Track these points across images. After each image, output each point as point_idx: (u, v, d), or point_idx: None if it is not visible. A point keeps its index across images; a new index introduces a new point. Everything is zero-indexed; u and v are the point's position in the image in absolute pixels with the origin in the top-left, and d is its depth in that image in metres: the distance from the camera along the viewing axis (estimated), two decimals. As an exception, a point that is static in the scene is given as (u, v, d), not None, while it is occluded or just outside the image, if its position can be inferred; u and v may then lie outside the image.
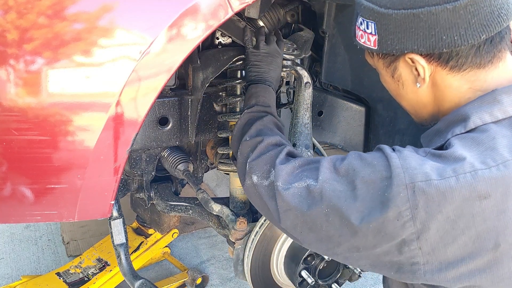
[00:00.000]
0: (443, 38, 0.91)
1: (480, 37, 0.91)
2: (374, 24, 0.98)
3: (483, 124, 0.91)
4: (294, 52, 1.47)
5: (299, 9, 1.66)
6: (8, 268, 2.54)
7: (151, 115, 1.51)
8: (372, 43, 1.01)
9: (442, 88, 0.99)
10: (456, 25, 0.90)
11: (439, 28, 0.91)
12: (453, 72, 0.96)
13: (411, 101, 1.06)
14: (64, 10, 1.08)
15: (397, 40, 0.95)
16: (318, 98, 1.85)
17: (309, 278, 1.49)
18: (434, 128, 1.01)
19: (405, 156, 0.90)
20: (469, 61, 0.94)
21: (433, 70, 0.97)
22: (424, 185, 0.85)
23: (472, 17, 0.90)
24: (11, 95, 1.08)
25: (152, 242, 2.37)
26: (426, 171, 0.86)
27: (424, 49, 0.93)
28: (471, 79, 0.96)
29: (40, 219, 1.24)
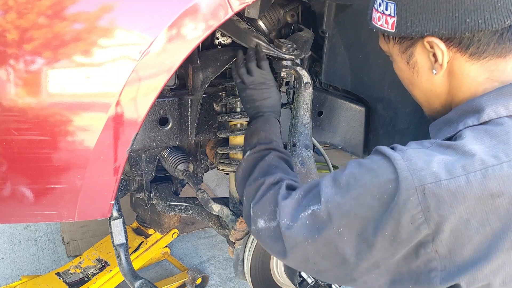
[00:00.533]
0: (466, 21, 0.87)
1: (505, 22, 0.87)
2: (394, 5, 0.95)
3: (497, 117, 0.88)
4: (294, 52, 1.47)
5: (299, 9, 1.66)
6: (8, 268, 2.54)
7: (151, 115, 1.51)
8: (390, 26, 0.97)
9: (459, 76, 0.95)
10: (481, 7, 0.87)
11: (463, 9, 0.87)
12: (472, 60, 0.92)
13: (425, 90, 1.02)
14: (64, 10, 1.08)
15: (417, 22, 0.92)
16: (318, 98, 1.85)
17: (309, 278, 1.49)
18: (445, 117, 0.97)
19: (409, 156, 0.86)
20: (490, 48, 0.91)
21: (452, 56, 0.93)
22: (434, 187, 0.82)
23: (498, 0, 0.87)
24: (11, 95, 1.08)
25: (152, 242, 2.37)
26: (435, 170, 0.83)
27: (445, 31, 0.90)
28: (491, 69, 0.92)
29: (40, 219, 1.24)
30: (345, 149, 1.95)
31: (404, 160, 0.86)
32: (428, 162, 0.84)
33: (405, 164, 0.85)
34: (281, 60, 1.49)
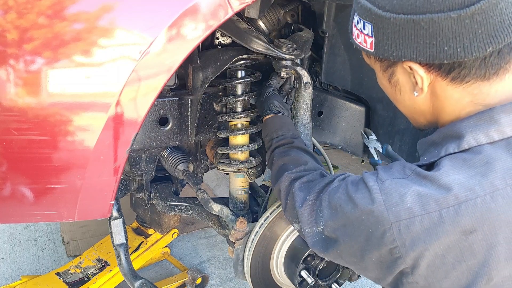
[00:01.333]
0: (444, 49, 0.83)
1: (486, 49, 0.82)
2: (371, 26, 0.91)
3: (477, 145, 0.86)
4: (294, 52, 1.47)
5: (299, 9, 1.66)
6: (8, 268, 2.54)
7: (151, 115, 1.51)
8: (368, 45, 0.93)
9: (442, 98, 0.92)
10: (460, 35, 0.82)
11: (441, 37, 0.83)
12: (454, 84, 0.89)
13: (409, 107, 1.01)
14: (64, 10, 1.08)
15: (395, 46, 0.88)
16: (318, 98, 1.85)
17: (309, 278, 1.49)
18: (430, 138, 0.96)
19: (387, 189, 0.88)
20: (472, 73, 0.86)
21: (433, 79, 0.90)
22: (408, 223, 0.84)
23: (479, 27, 0.81)
24: (11, 95, 1.08)
25: (152, 242, 2.37)
26: (409, 205, 0.84)
27: (423, 58, 0.86)
28: (474, 92, 0.89)
29: (40, 219, 1.24)
30: (345, 149, 1.95)
31: (382, 194, 0.88)
32: (403, 195, 0.85)
33: (381, 198, 0.87)
34: (281, 60, 1.49)
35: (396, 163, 0.96)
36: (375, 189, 0.89)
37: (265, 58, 1.57)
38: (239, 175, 1.69)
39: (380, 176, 0.92)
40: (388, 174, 0.92)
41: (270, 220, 1.55)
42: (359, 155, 1.98)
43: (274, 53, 1.44)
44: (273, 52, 1.44)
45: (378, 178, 0.91)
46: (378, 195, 0.88)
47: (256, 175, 1.68)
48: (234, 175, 1.69)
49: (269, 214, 1.55)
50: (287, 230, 1.56)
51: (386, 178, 0.90)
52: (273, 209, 1.55)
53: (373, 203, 0.88)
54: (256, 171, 1.68)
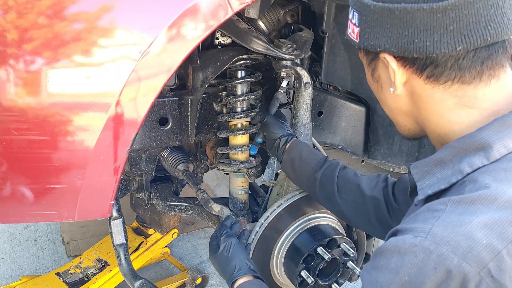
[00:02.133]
0: (415, 41, 0.81)
1: (456, 47, 0.79)
2: (357, 14, 0.89)
3: (508, 152, 0.77)
4: (294, 52, 1.47)
5: (299, 9, 1.66)
6: (8, 268, 2.54)
7: (151, 115, 1.51)
8: (355, 35, 0.91)
9: (423, 98, 0.87)
10: (431, 28, 0.79)
11: (413, 29, 0.80)
12: (431, 83, 0.84)
13: (390, 107, 0.96)
14: (64, 10, 1.08)
15: (373, 35, 0.86)
16: (318, 98, 1.85)
17: (309, 278, 1.49)
18: (433, 157, 0.85)
19: (442, 238, 0.70)
20: (446, 73, 0.82)
21: (409, 76, 0.86)
22: (497, 263, 0.68)
23: (451, 23, 0.78)
24: (11, 95, 1.08)
25: (152, 242, 2.37)
26: (485, 242, 0.68)
27: (395, 49, 0.83)
28: (457, 94, 0.83)
29: (40, 219, 1.24)
30: (345, 149, 1.95)
31: (442, 245, 0.69)
32: (470, 234, 0.69)
33: (447, 250, 0.69)
34: (281, 60, 1.49)
35: (411, 210, 0.83)
36: (428, 244, 0.70)
37: (265, 58, 1.57)
38: (239, 175, 1.69)
39: (417, 232, 0.73)
40: (424, 223, 0.74)
41: (270, 220, 1.55)
42: (359, 155, 1.97)
43: (274, 53, 1.44)
44: (273, 52, 1.44)
45: (414, 234, 0.73)
46: (439, 248, 0.69)
47: (256, 175, 1.68)
48: (234, 175, 1.69)
49: (269, 214, 1.55)
50: (287, 230, 1.56)
51: (427, 226, 0.73)
52: (273, 209, 1.55)
53: (443, 261, 0.68)
54: (256, 171, 1.68)
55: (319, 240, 1.52)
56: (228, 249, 1.33)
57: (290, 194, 1.57)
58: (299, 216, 1.57)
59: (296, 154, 1.46)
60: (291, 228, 1.57)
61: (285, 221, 1.56)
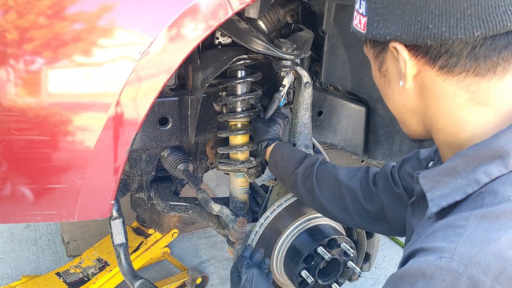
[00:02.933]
0: (429, 27, 0.75)
1: (474, 33, 0.73)
2: (365, 3, 0.84)
3: None
4: (294, 52, 1.47)
5: (299, 9, 1.66)
6: (8, 268, 2.54)
7: (151, 115, 1.51)
8: (362, 26, 0.86)
9: (433, 93, 0.81)
10: (447, 13, 0.74)
11: (427, 14, 0.75)
12: (444, 74, 0.79)
13: (397, 104, 0.90)
14: (64, 10, 1.08)
15: (382, 23, 0.81)
16: (318, 98, 1.85)
17: (309, 278, 1.49)
18: (445, 166, 0.79)
19: (470, 258, 0.64)
20: (461, 63, 0.77)
21: (420, 68, 0.81)
22: None
23: (469, 6, 0.72)
24: (11, 95, 1.08)
25: (152, 242, 2.37)
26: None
27: (407, 37, 0.78)
28: (470, 89, 0.78)
29: (40, 219, 1.24)
30: (345, 149, 1.95)
31: (472, 266, 0.63)
32: (500, 253, 0.63)
33: (477, 271, 0.63)
34: (281, 60, 1.49)
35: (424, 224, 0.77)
36: (458, 268, 0.64)
37: (265, 58, 1.57)
38: (239, 175, 1.69)
39: (439, 251, 0.67)
40: (446, 242, 0.68)
41: (270, 220, 1.55)
42: (359, 155, 1.98)
43: (274, 53, 1.44)
44: (273, 52, 1.44)
45: (438, 255, 0.67)
46: (470, 272, 0.63)
47: (256, 175, 1.68)
48: (234, 175, 1.69)
49: (269, 214, 1.55)
50: (287, 230, 1.56)
51: (451, 246, 0.67)
52: (273, 209, 1.55)
53: (477, 284, 0.62)
54: (256, 171, 1.68)
55: (319, 240, 1.52)
56: (250, 281, 1.27)
57: (290, 194, 1.57)
58: (299, 216, 1.57)
59: (278, 155, 1.49)
60: (291, 228, 1.57)
61: (285, 221, 1.56)
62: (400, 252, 2.73)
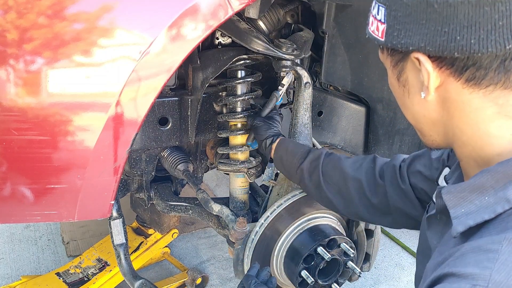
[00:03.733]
0: (457, 39, 0.71)
1: (505, 45, 0.69)
2: (384, 10, 0.79)
3: None
4: (294, 52, 1.47)
5: (299, 9, 1.66)
6: (8, 268, 2.54)
7: (151, 115, 1.51)
8: (380, 33, 0.81)
9: (458, 105, 0.77)
10: (476, 24, 0.69)
11: (455, 25, 0.70)
12: (470, 87, 0.74)
13: (417, 115, 0.85)
14: (64, 10, 1.08)
15: (404, 33, 0.76)
16: (318, 98, 1.85)
17: (309, 278, 1.49)
18: (471, 182, 0.75)
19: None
20: (490, 76, 0.72)
21: (444, 80, 0.76)
22: None
23: (501, 17, 0.68)
24: (11, 95, 1.08)
25: (152, 242, 2.36)
26: None
27: (432, 48, 0.73)
28: (499, 102, 0.73)
29: (40, 219, 1.24)
30: (345, 149, 1.95)
31: None
32: None
33: None
34: (281, 60, 1.49)
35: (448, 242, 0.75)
36: None
37: (265, 58, 1.57)
38: (239, 175, 1.69)
39: (471, 278, 0.64)
40: (479, 268, 0.65)
41: (270, 220, 1.55)
42: (358, 155, 1.98)
43: (274, 53, 1.44)
44: (273, 52, 1.44)
45: (471, 283, 0.64)
46: None
47: (256, 175, 1.68)
48: (234, 175, 1.69)
49: (269, 214, 1.55)
50: (287, 230, 1.56)
51: (485, 273, 0.64)
52: (273, 209, 1.55)
53: None
54: (256, 171, 1.68)
55: (319, 240, 1.52)
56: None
57: (290, 194, 1.57)
58: (299, 216, 1.57)
59: (283, 151, 1.48)
60: (291, 228, 1.57)
61: (285, 221, 1.56)
62: (400, 252, 2.73)
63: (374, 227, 1.70)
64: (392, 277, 2.54)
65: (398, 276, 2.54)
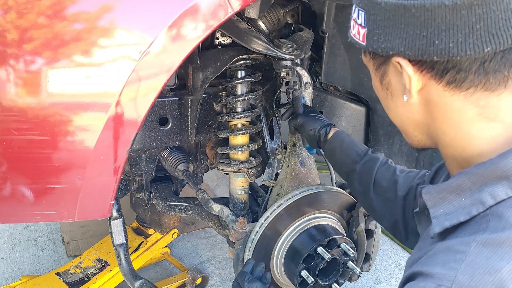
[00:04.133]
0: (435, 43, 0.71)
1: (483, 48, 0.69)
2: (364, 14, 0.79)
3: None
4: (294, 52, 1.47)
5: (299, 9, 1.66)
6: (8, 268, 2.54)
7: (151, 115, 1.51)
8: (361, 37, 0.81)
9: (440, 107, 0.78)
10: (454, 27, 0.70)
11: (433, 29, 0.71)
12: (451, 90, 0.75)
13: (401, 117, 0.86)
14: (64, 10, 1.08)
15: (384, 37, 0.76)
16: (318, 98, 1.85)
17: (309, 278, 1.49)
18: (450, 183, 0.77)
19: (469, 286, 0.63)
20: (470, 79, 0.73)
21: (425, 83, 0.77)
22: None
23: (478, 21, 0.68)
24: (11, 95, 1.08)
25: (152, 242, 2.36)
26: None
27: (412, 52, 0.74)
28: (480, 104, 0.74)
29: (40, 219, 1.24)
30: (345, 149, 1.95)
31: None
32: (501, 284, 0.62)
33: None
34: (281, 60, 1.49)
35: (426, 242, 0.76)
36: None
37: (265, 58, 1.57)
38: (239, 175, 1.69)
39: (437, 278, 0.66)
40: (446, 268, 0.67)
41: (270, 220, 1.55)
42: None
43: (274, 53, 1.44)
44: (273, 52, 1.44)
45: (437, 283, 0.66)
46: None
47: (256, 175, 1.68)
48: (234, 175, 1.69)
49: (269, 214, 1.55)
50: (287, 230, 1.56)
51: (450, 273, 0.66)
52: (273, 209, 1.55)
53: None
54: (256, 171, 1.68)
55: (319, 240, 1.52)
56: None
57: (290, 194, 1.57)
58: (299, 216, 1.57)
59: (337, 144, 1.43)
60: (291, 228, 1.57)
61: (285, 221, 1.56)
62: (400, 252, 2.73)
63: (374, 227, 1.69)
64: (392, 277, 2.54)
65: (398, 276, 2.54)
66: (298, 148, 1.62)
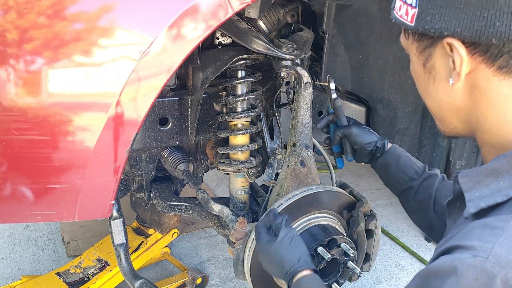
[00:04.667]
0: (496, 25, 0.69)
1: None
2: None
3: None
4: (294, 52, 1.47)
5: (299, 9, 1.66)
6: (8, 268, 2.54)
7: (151, 115, 1.51)
8: (409, 18, 0.79)
9: (486, 92, 0.76)
10: None
11: (495, 10, 0.69)
12: (501, 74, 0.74)
13: (441, 102, 0.84)
14: (64, 10, 1.08)
15: (438, 17, 0.75)
16: (318, 98, 1.85)
17: (309, 278, 1.49)
18: (488, 166, 0.76)
19: (507, 259, 0.63)
20: None
21: (475, 66, 0.76)
22: None
23: None
24: (11, 95, 1.08)
25: (152, 242, 2.36)
26: None
27: (469, 33, 0.72)
28: None
29: (40, 219, 1.24)
30: (345, 149, 1.95)
31: (508, 269, 0.62)
32: None
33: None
34: (281, 60, 1.49)
35: (460, 224, 0.75)
36: (492, 269, 0.62)
37: (265, 58, 1.57)
38: (239, 175, 1.69)
39: (473, 249, 0.66)
40: (482, 241, 0.66)
41: (270, 220, 1.54)
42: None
43: (274, 53, 1.44)
44: (273, 52, 1.44)
45: (473, 254, 0.65)
46: (506, 274, 0.61)
47: (256, 175, 1.68)
48: (234, 175, 1.69)
49: (269, 214, 1.55)
50: (287, 230, 1.56)
51: (487, 245, 0.65)
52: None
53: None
54: (256, 171, 1.68)
55: (319, 240, 1.52)
56: (290, 239, 1.22)
57: (290, 194, 1.57)
58: (299, 216, 1.57)
59: (393, 160, 1.39)
60: (291, 228, 1.56)
61: (285, 221, 1.56)
62: (400, 252, 2.73)
63: (374, 227, 1.69)
64: (392, 277, 2.54)
65: (398, 276, 2.54)
66: (298, 148, 1.62)
